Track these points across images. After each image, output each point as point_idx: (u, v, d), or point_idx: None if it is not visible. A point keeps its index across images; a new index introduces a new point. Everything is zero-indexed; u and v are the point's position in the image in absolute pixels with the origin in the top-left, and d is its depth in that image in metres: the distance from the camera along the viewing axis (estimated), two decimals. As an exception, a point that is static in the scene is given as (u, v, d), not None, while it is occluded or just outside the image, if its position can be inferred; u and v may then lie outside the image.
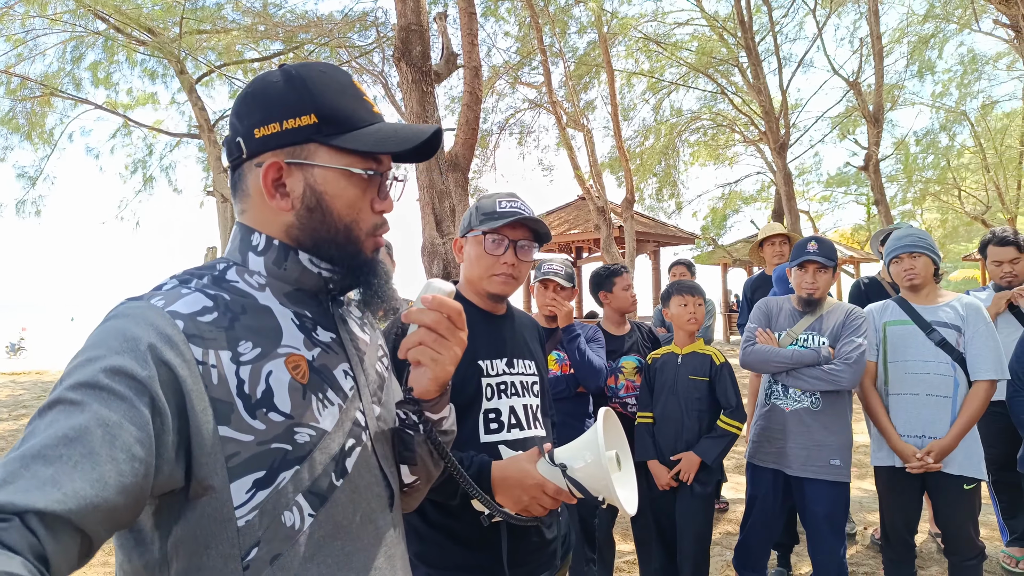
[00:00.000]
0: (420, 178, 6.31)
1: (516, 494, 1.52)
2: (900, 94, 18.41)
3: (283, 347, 0.97)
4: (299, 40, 13.91)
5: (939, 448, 2.96)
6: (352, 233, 1.03)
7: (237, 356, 0.91)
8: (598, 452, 1.37)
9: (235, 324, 0.93)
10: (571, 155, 14.09)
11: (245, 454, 0.88)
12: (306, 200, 1.00)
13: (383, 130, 1.04)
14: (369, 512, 1.02)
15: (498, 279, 1.80)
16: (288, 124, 0.99)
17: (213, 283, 0.97)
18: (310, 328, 1.03)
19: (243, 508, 0.87)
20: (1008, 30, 6.91)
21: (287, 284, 1.04)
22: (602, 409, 1.43)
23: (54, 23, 14.17)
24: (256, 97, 1.02)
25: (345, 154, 1.01)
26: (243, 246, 1.04)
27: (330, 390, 1.01)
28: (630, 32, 15.45)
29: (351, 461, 1.01)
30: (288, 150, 1.00)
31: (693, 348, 3.30)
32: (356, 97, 1.04)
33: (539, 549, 1.78)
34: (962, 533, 3.06)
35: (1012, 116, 20.47)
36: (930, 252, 3.15)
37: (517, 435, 1.77)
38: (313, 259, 1.03)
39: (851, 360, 3.01)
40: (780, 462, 3.18)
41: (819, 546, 3.14)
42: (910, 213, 23.78)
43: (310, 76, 1.02)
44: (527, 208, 1.82)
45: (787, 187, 14.17)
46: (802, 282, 3.20)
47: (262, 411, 0.90)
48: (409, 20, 6.20)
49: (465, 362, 1.72)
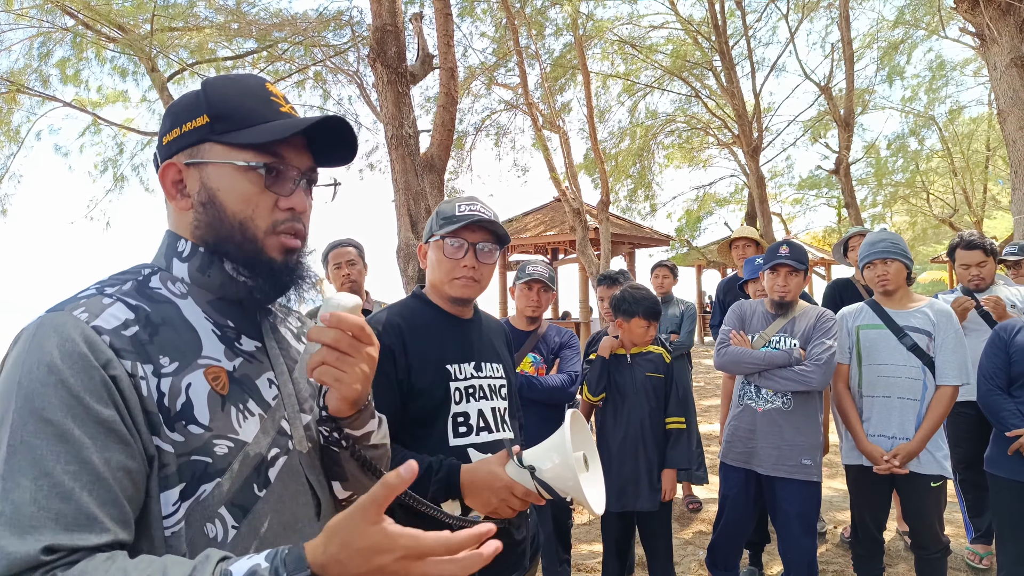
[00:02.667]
0: (396, 180, 6.30)
1: (485, 496, 1.54)
2: (870, 99, 18.71)
3: (202, 358, 0.97)
4: (273, 39, 13.77)
5: (905, 451, 3.03)
6: (248, 230, 1.02)
7: (158, 369, 0.91)
8: (565, 453, 1.38)
9: (154, 338, 0.93)
10: (547, 157, 14.12)
11: (172, 465, 0.89)
12: (200, 197, 1.02)
13: (275, 125, 1.03)
14: (293, 522, 1.01)
15: (459, 282, 1.81)
16: (186, 127, 1.03)
17: (136, 291, 0.97)
18: (232, 338, 1.03)
19: (170, 519, 0.88)
20: (974, 38, 7.05)
21: (210, 292, 1.04)
22: (569, 411, 1.45)
23: (20, 18, 13.88)
24: (169, 109, 1.07)
25: (238, 150, 1.01)
26: (168, 252, 1.05)
27: (251, 400, 1.00)
28: (605, 35, 15.52)
29: (274, 471, 1.00)
30: (187, 152, 1.03)
31: (639, 348, 3.33)
32: (261, 99, 1.05)
33: (508, 550, 1.79)
34: (928, 528, 3.14)
35: (978, 121, 20.88)
36: (903, 257, 3.21)
37: (486, 438, 1.79)
38: (236, 267, 1.03)
39: (821, 361, 3.06)
40: (752, 462, 3.23)
41: (790, 545, 3.19)
42: (880, 216, 24.13)
43: (215, 83, 1.06)
44: (487, 211, 1.83)
45: (760, 190, 14.34)
46: (774, 285, 3.24)
47: (181, 424, 0.90)
48: (384, 21, 6.18)
49: (433, 366, 1.75)
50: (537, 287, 3.36)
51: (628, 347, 3.32)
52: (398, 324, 1.79)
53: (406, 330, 1.78)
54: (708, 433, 7.57)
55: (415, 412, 1.73)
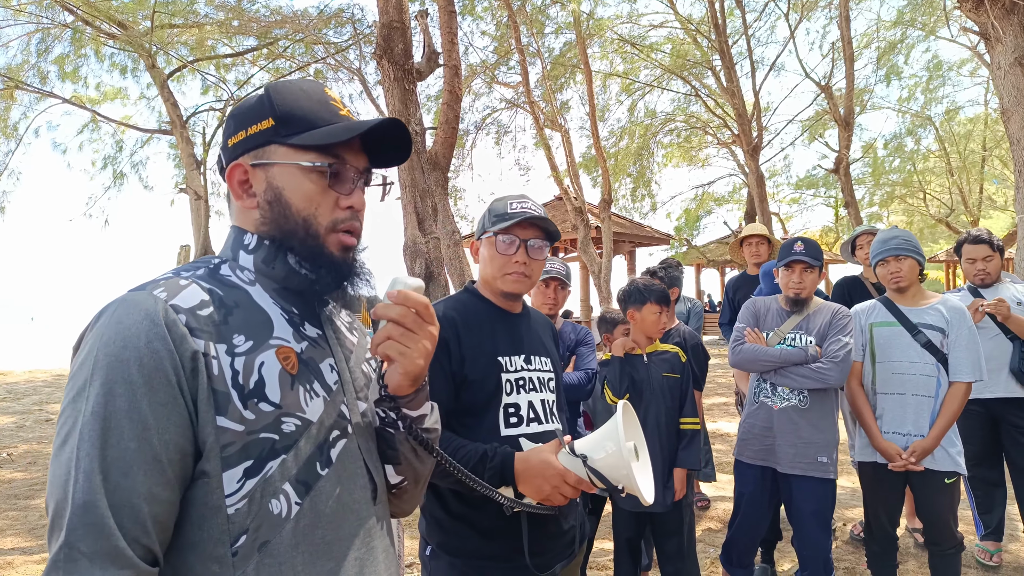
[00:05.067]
0: (402, 177, 6.29)
1: (538, 484, 1.59)
2: (868, 98, 18.77)
3: (274, 339, 1.01)
4: (273, 36, 13.75)
5: (921, 448, 3.03)
6: (311, 227, 1.07)
7: (232, 348, 0.95)
8: (619, 442, 1.42)
9: (229, 318, 0.98)
10: (548, 155, 14.13)
11: (238, 443, 0.92)
12: (267, 196, 1.07)
13: (337, 127, 1.08)
14: (351, 503, 1.05)
15: (511, 278, 1.86)
16: (251, 130, 1.08)
17: (208, 276, 1.03)
18: (298, 323, 1.08)
19: (233, 496, 0.92)
20: (972, 36, 7.08)
21: (274, 282, 1.09)
22: (621, 402, 1.50)
23: (18, 14, 13.83)
24: (234, 114, 1.12)
25: (301, 151, 1.07)
26: (235, 244, 1.10)
27: (316, 382, 1.04)
28: (606, 33, 15.52)
29: (335, 452, 1.04)
30: (253, 153, 1.08)
31: (654, 348, 3.30)
32: (321, 102, 1.10)
33: (557, 538, 1.83)
34: (943, 524, 3.14)
35: (975, 121, 20.97)
36: (915, 254, 3.22)
37: (536, 429, 1.83)
38: (299, 260, 1.07)
39: (838, 359, 3.06)
40: (769, 459, 3.23)
41: (806, 542, 3.19)
42: (877, 215, 24.21)
43: (278, 88, 1.10)
44: (538, 208, 1.88)
45: (759, 189, 14.37)
46: (789, 282, 3.25)
47: (253, 401, 0.94)
48: (391, 17, 6.17)
49: (486, 358, 1.80)
50: (554, 284, 3.37)
51: (642, 343, 3.28)
52: (452, 317, 1.84)
53: (460, 323, 1.83)
54: (714, 431, 7.58)
55: (468, 402, 1.79)
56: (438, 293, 5.99)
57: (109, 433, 0.84)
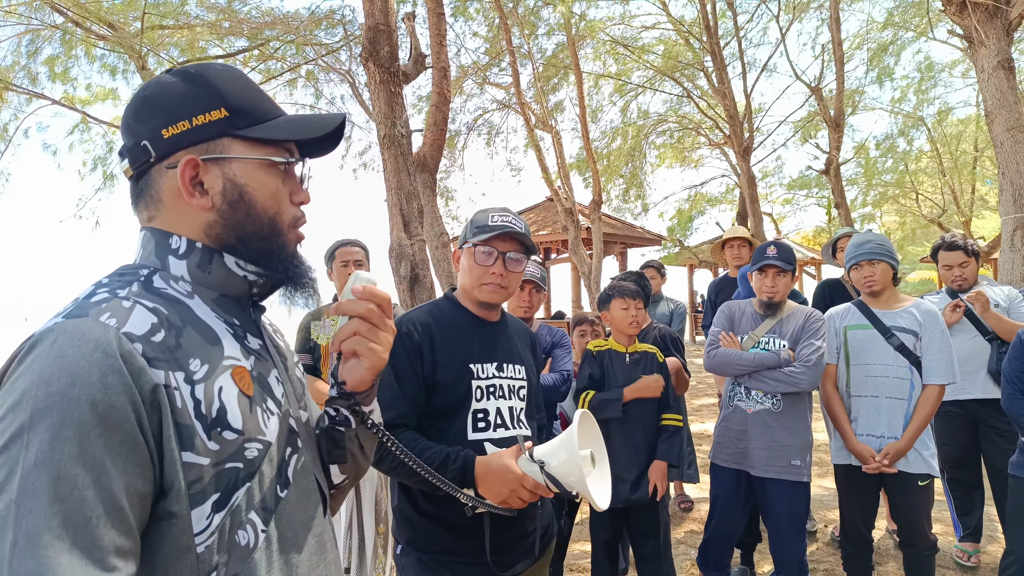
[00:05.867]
0: (388, 179, 6.28)
1: (497, 487, 1.65)
2: (860, 99, 18.80)
3: (227, 359, 0.94)
4: (264, 37, 13.72)
5: (894, 451, 3.06)
6: (276, 225, 1.02)
7: (190, 375, 0.87)
8: (572, 450, 1.50)
9: (180, 341, 0.89)
10: (539, 156, 14.13)
11: (205, 478, 0.86)
12: (227, 195, 0.98)
13: (293, 120, 1.04)
14: (307, 520, 1.02)
15: (487, 288, 1.93)
16: (198, 120, 0.97)
17: (143, 291, 0.92)
18: (242, 336, 1.02)
19: (203, 535, 0.85)
20: (962, 40, 7.11)
21: (212, 290, 1.01)
22: (579, 411, 1.59)
23: (8, 15, 13.77)
24: (156, 99, 0.99)
25: (260, 145, 1.01)
26: (160, 250, 0.99)
27: (270, 399, 1.00)
28: (598, 35, 15.54)
29: (291, 470, 1.00)
30: (201, 147, 0.98)
31: (635, 347, 3.33)
32: (259, 91, 1.04)
33: (520, 539, 1.91)
34: (916, 527, 3.17)
35: (967, 122, 21.01)
36: (889, 258, 3.24)
37: (503, 434, 1.90)
38: (239, 262, 1.01)
39: (810, 363, 3.08)
40: (742, 462, 3.25)
41: (781, 544, 3.21)
42: (870, 216, 24.28)
43: (211, 72, 1.01)
44: (518, 222, 1.96)
45: (751, 190, 14.41)
46: (762, 286, 3.27)
47: (217, 431, 0.88)
48: (377, 20, 6.17)
49: (457, 364, 1.86)
50: (529, 287, 3.38)
51: (622, 341, 3.31)
52: (428, 323, 1.92)
53: (435, 329, 1.90)
54: (699, 432, 7.60)
55: (438, 406, 1.86)
56: (424, 295, 5.99)
57: (60, 484, 0.72)
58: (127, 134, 1.01)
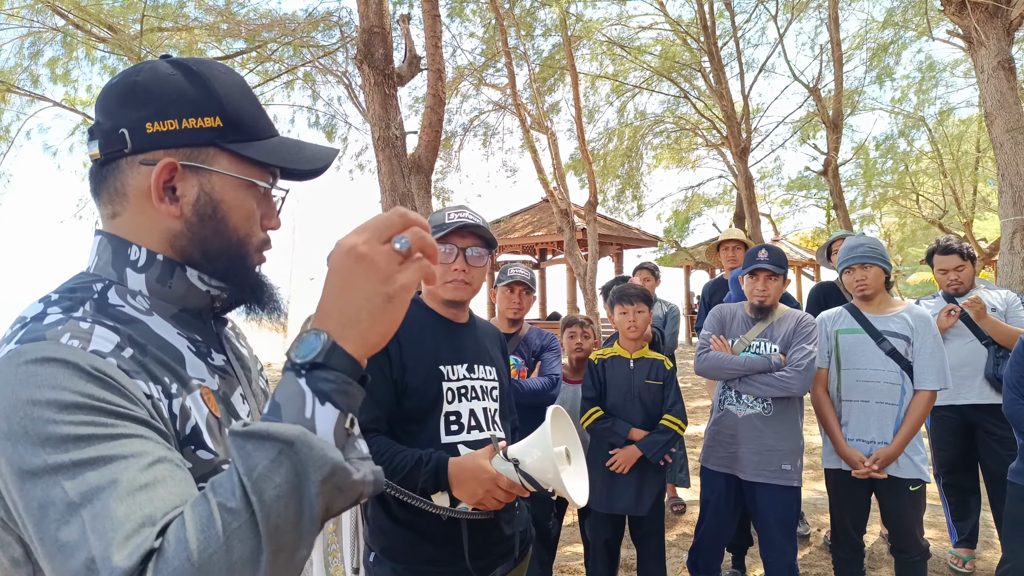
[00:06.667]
0: (382, 181, 6.28)
1: (472, 488, 1.63)
2: (860, 99, 18.75)
3: (194, 379, 0.90)
4: (262, 39, 13.72)
5: (884, 456, 3.03)
6: (244, 247, 0.97)
7: (167, 389, 0.83)
8: (546, 447, 1.49)
9: (147, 359, 0.84)
10: (535, 157, 14.12)
11: None
12: (199, 208, 0.92)
13: (286, 144, 0.99)
14: None
15: (451, 286, 1.90)
16: (188, 123, 0.90)
17: (99, 311, 0.85)
18: (204, 352, 0.96)
19: None
20: (962, 39, 7.08)
21: (172, 305, 0.94)
22: (550, 408, 1.56)
23: (11, 18, 13.79)
24: (147, 88, 0.91)
25: (246, 164, 0.94)
26: (117, 261, 0.92)
27: (235, 421, 0.94)
28: (594, 36, 15.52)
29: None
30: (184, 151, 0.91)
31: (642, 353, 3.33)
32: (257, 104, 0.98)
33: (499, 543, 1.88)
34: (908, 532, 3.15)
35: (968, 123, 20.93)
36: (881, 262, 3.22)
37: (476, 436, 1.87)
38: (203, 276, 0.95)
39: (801, 367, 3.06)
40: (732, 466, 3.22)
41: (770, 549, 3.19)
42: (870, 217, 24.20)
43: (213, 75, 0.94)
44: (476, 217, 1.92)
45: (748, 191, 14.37)
46: (753, 289, 3.24)
47: (190, 449, 0.84)
48: (372, 23, 6.16)
49: (427, 367, 1.84)
50: (519, 289, 3.39)
51: (627, 346, 3.33)
52: None
53: (401, 332, 1.83)
54: (693, 435, 7.57)
55: (409, 409, 1.82)
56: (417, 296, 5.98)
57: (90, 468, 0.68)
58: (105, 115, 0.92)
